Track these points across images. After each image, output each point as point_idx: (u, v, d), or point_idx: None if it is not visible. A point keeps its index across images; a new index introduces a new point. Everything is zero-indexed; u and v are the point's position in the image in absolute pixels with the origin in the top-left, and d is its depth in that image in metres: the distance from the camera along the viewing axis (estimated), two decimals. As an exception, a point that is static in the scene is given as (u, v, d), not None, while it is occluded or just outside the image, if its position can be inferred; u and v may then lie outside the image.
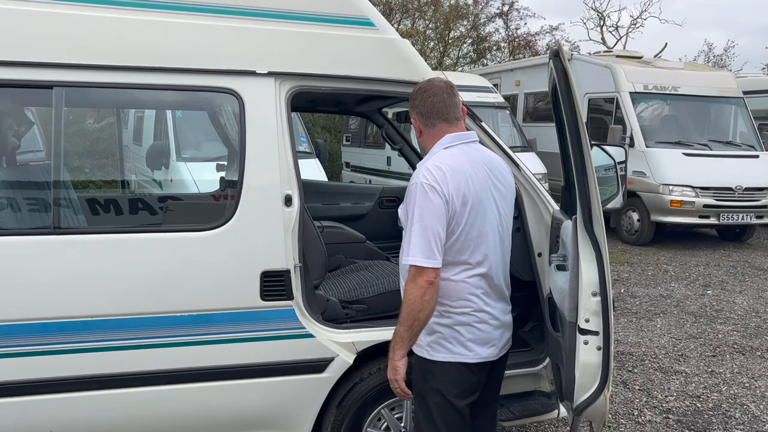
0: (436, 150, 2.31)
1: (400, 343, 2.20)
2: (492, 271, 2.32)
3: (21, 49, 2.40)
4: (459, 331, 2.29)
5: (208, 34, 2.58)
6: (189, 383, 2.60)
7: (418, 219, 2.16)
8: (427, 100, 2.32)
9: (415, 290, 2.14)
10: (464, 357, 2.30)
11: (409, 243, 2.17)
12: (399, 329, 2.20)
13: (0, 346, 2.38)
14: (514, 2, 18.54)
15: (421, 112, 2.33)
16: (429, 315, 2.19)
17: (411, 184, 2.23)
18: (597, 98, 10.46)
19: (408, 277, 2.17)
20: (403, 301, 2.18)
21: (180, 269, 2.53)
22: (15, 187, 2.80)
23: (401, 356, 2.22)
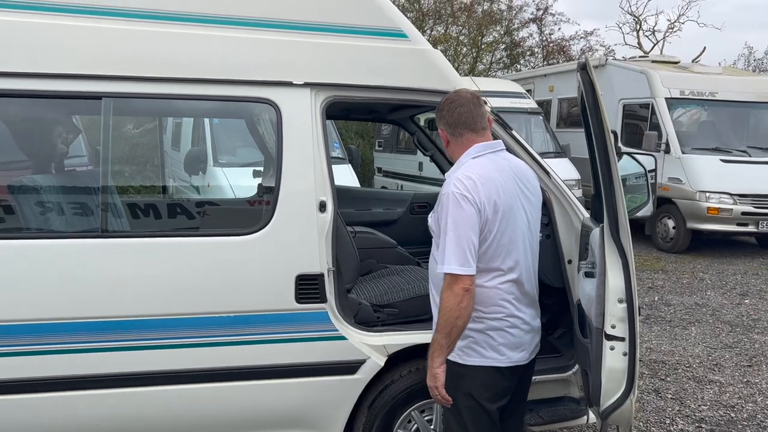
0: (464, 160, 2.37)
1: (439, 350, 2.26)
2: (523, 276, 2.37)
3: (73, 63, 2.54)
4: (491, 336, 2.35)
5: (247, 47, 2.69)
6: (226, 382, 2.71)
7: (451, 228, 2.22)
8: (454, 110, 2.39)
9: (451, 298, 2.20)
10: (496, 361, 2.35)
11: (444, 252, 2.22)
12: (437, 337, 2.26)
13: (52, 343, 2.52)
14: (548, 7, 18.45)
15: (449, 122, 2.40)
16: (466, 321, 2.24)
17: (442, 194, 2.29)
18: (632, 104, 10.35)
19: (444, 285, 2.23)
20: (440, 308, 2.24)
21: (219, 272, 2.64)
22: (65, 191, 2.95)
23: (440, 363, 2.27)
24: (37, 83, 2.52)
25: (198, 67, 2.64)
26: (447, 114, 2.40)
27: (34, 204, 2.75)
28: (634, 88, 10.18)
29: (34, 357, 2.50)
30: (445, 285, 2.23)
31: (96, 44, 2.57)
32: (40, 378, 2.53)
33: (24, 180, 2.84)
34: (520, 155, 2.99)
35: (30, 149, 3.09)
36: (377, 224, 4.37)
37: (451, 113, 2.39)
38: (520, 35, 18.72)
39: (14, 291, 2.48)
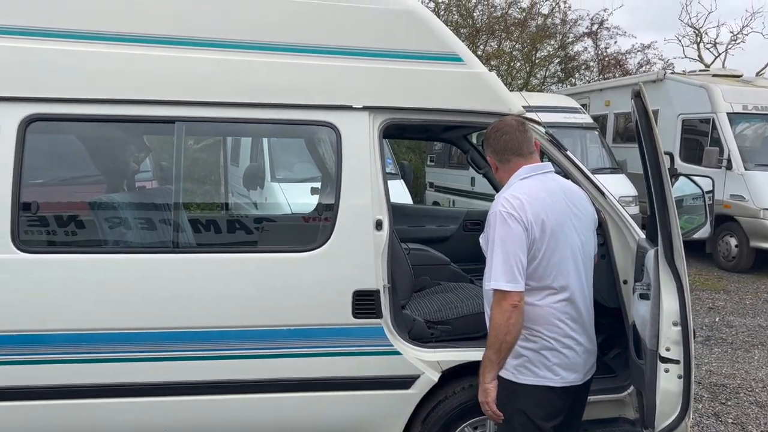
0: (513, 182, 2.44)
1: (490, 366, 2.30)
2: (576, 296, 2.40)
3: (149, 89, 2.73)
4: (545, 356, 2.38)
5: (309, 73, 2.82)
6: (285, 393, 2.82)
7: (499, 245, 2.28)
8: (500, 138, 2.48)
9: (500, 314, 2.25)
10: (550, 381, 2.38)
11: (491, 269, 2.28)
12: (487, 353, 2.31)
13: (125, 351, 2.69)
14: (604, 21, 18.20)
15: (495, 149, 2.49)
16: (515, 338, 2.29)
17: (490, 214, 2.36)
18: (692, 119, 10.10)
19: (493, 302, 2.29)
20: (490, 325, 2.30)
21: (281, 287, 2.77)
22: (140, 208, 3.15)
23: (491, 379, 2.31)
24: (115, 109, 2.71)
25: (263, 92, 2.79)
26: (493, 141, 2.50)
27: (111, 220, 2.95)
28: (694, 103, 9.93)
29: (112, 364, 2.68)
30: (494, 302, 2.28)
31: (169, 71, 2.75)
32: (118, 384, 2.70)
33: (103, 198, 3.04)
34: (574, 175, 3.03)
35: (107, 168, 3.31)
36: (430, 241, 4.44)
37: (497, 140, 2.48)
38: (575, 49, 18.52)
39: (95, 302, 2.66)
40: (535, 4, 16.78)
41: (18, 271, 2.62)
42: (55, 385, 2.67)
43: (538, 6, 16.83)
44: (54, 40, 2.66)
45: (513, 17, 16.76)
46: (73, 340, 2.66)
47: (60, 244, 2.93)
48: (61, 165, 3.30)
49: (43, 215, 2.79)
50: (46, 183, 3.12)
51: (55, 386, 2.67)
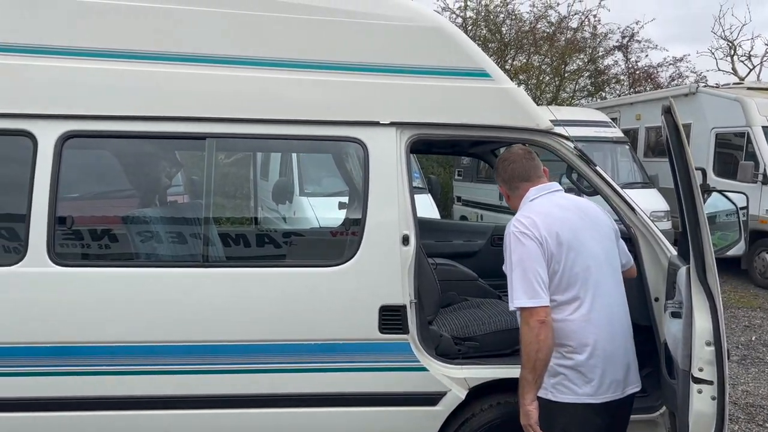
0: (523, 204, 2.50)
1: (527, 386, 2.28)
2: (608, 307, 2.39)
3: (181, 106, 2.79)
4: (582, 372, 2.35)
5: (337, 89, 2.86)
6: (311, 407, 2.83)
7: (516, 264, 2.30)
8: (507, 167, 2.57)
9: (528, 332, 2.25)
10: (588, 398, 2.35)
11: (512, 288, 2.29)
12: (523, 373, 2.29)
13: (155, 364, 2.73)
14: (635, 34, 18.00)
15: (504, 178, 2.59)
16: (548, 354, 2.27)
17: (504, 238, 2.40)
18: (726, 133, 9.91)
19: (520, 321, 2.28)
20: (521, 345, 2.29)
21: (308, 301, 2.78)
22: (171, 222, 3.21)
23: (531, 400, 2.29)
24: (148, 125, 2.77)
25: (291, 108, 2.83)
26: (502, 171, 2.60)
27: (143, 234, 3.01)
28: (728, 117, 9.75)
29: (143, 377, 2.72)
30: (521, 321, 2.28)
31: (200, 89, 2.80)
32: (148, 396, 2.74)
33: (136, 213, 3.11)
34: (603, 191, 3.00)
35: (140, 183, 3.38)
36: (458, 256, 4.42)
37: (505, 170, 2.58)
38: (605, 63, 18.35)
39: (126, 315, 2.71)
40: (564, 18, 16.70)
41: (53, 284, 2.68)
42: (88, 397, 2.72)
43: (567, 20, 16.75)
44: (90, 59, 2.74)
45: (542, 31, 16.70)
46: (106, 353, 2.71)
47: (93, 258, 2.99)
48: (95, 180, 3.38)
49: (77, 229, 2.87)
50: (81, 198, 3.20)
51: (89, 398, 2.72)
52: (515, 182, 2.56)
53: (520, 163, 2.56)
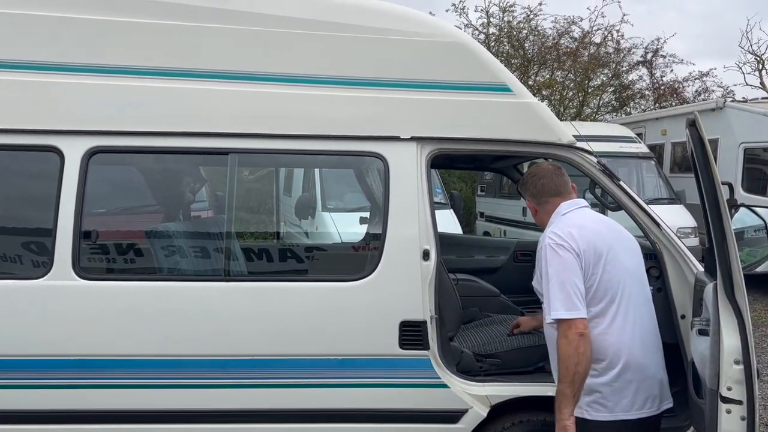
0: (554, 219, 2.49)
1: (565, 401, 2.25)
2: (641, 320, 2.39)
3: (204, 122, 2.82)
4: (617, 388, 2.33)
5: (357, 105, 2.87)
6: (331, 423, 2.81)
7: (553, 276, 2.28)
8: (537, 182, 2.58)
9: (567, 345, 2.23)
10: (624, 414, 2.33)
11: (549, 300, 2.27)
12: (561, 387, 2.26)
13: (175, 378, 2.74)
14: (659, 49, 17.84)
15: (533, 193, 2.60)
16: (587, 367, 2.25)
17: (539, 251, 2.39)
18: (755, 148, 9.73)
19: (558, 334, 2.26)
20: (559, 359, 2.26)
21: (328, 316, 2.78)
22: (194, 237, 3.24)
23: (569, 414, 2.25)
24: (172, 141, 2.81)
25: (313, 124, 2.85)
26: (531, 186, 2.61)
27: (166, 249, 3.04)
28: (756, 131, 9.58)
29: (161, 390, 2.73)
30: (559, 334, 2.26)
31: (223, 105, 2.84)
32: (169, 411, 2.75)
33: (159, 227, 3.15)
34: (628, 206, 2.95)
35: (164, 198, 3.42)
36: (480, 272, 4.38)
37: (535, 185, 2.59)
38: (630, 78, 18.19)
39: (150, 329, 2.73)
40: (588, 34, 16.64)
41: (78, 298, 2.72)
42: (112, 410, 2.74)
43: (590, 35, 16.68)
44: (115, 76, 2.80)
45: (565, 47, 16.64)
46: (130, 366, 2.73)
47: (118, 272, 3.03)
48: (120, 195, 3.44)
49: (102, 243, 2.91)
50: (106, 212, 3.25)
51: (113, 411, 2.74)
52: (544, 197, 2.58)
53: (550, 178, 2.58)
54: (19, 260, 2.87)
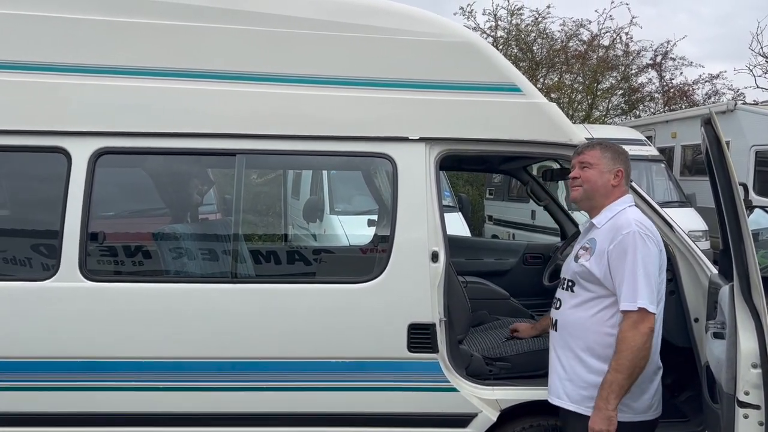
0: (621, 207, 2.42)
1: (618, 391, 2.20)
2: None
3: (211, 122, 2.81)
4: (645, 388, 2.32)
5: (366, 105, 2.85)
6: (338, 427, 2.78)
7: (641, 264, 2.24)
8: (629, 164, 2.51)
9: (638, 337, 2.19)
10: (643, 416, 2.32)
11: (635, 287, 2.22)
12: (617, 377, 2.20)
13: (182, 380, 2.72)
14: (668, 52, 17.73)
15: (627, 172, 2.50)
16: (647, 364, 2.24)
17: (624, 232, 2.31)
18: (766, 151, 9.64)
19: (627, 323, 2.22)
20: (624, 348, 2.21)
21: (336, 318, 2.75)
22: (201, 239, 3.22)
23: (616, 405, 2.21)
24: (179, 142, 2.80)
25: (320, 125, 2.83)
26: (627, 164, 2.50)
27: (173, 251, 3.03)
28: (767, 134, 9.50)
29: (168, 393, 2.71)
30: (629, 324, 2.21)
31: (230, 105, 2.82)
32: (170, 413, 2.73)
33: (166, 229, 3.13)
34: (640, 208, 2.90)
35: (171, 200, 3.41)
36: (489, 274, 4.34)
37: (628, 165, 2.50)
38: (639, 81, 18.08)
39: (156, 331, 2.71)
40: (596, 37, 16.56)
41: (84, 300, 2.71)
42: (119, 413, 2.72)
43: (599, 38, 16.61)
44: (122, 77, 2.79)
45: (573, 49, 16.58)
46: (137, 368, 2.71)
47: (125, 273, 3.02)
48: (127, 196, 3.43)
49: (109, 245, 2.89)
50: (113, 213, 3.23)
51: (119, 414, 2.72)
52: (628, 181, 2.51)
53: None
54: (26, 262, 2.87)
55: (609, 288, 2.33)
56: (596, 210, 2.47)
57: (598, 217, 2.44)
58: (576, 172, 2.49)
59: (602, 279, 2.33)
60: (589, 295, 2.37)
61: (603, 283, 2.33)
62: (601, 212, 2.44)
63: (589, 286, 2.37)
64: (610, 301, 2.33)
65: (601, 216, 2.43)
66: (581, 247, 2.46)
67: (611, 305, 2.33)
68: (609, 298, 2.33)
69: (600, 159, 2.45)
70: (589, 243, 2.42)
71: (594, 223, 2.45)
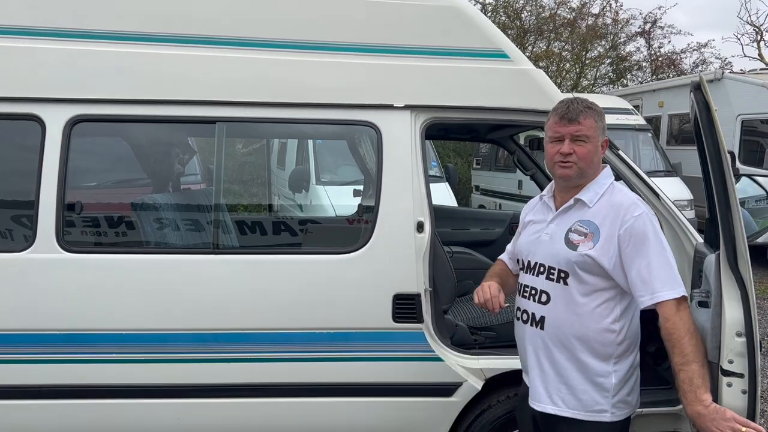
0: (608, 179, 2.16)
1: (703, 383, 1.98)
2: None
3: (190, 89, 2.73)
4: (635, 379, 2.19)
5: (349, 71, 2.77)
6: (323, 397, 2.77)
7: (668, 249, 2.06)
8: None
9: (687, 318, 2.00)
10: (633, 408, 2.18)
11: (673, 273, 2.03)
12: (693, 369, 1.98)
13: (162, 352, 2.68)
14: (657, 20, 17.62)
15: (603, 128, 2.16)
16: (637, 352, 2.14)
17: (636, 215, 2.04)
18: (752, 120, 9.66)
19: (670, 310, 2.00)
20: (680, 336, 1.99)
21: (320, 289, 2.72)
22: (181, 210, 3.16)
23: (710, 398, 1.98)
24: (157, 109, 2.72)
25: (302, 91, 2.76)
26: (603, 119, 2.16)
27: (153, 221, 2.97)
28: (754, 103, 9.50)
29: (149, 365, 2.68)
30: (671, 310, 1.99)
31: (210, 72, 2.74)
32: (157, 385, 2.70)
33: (145, 199, 3.06)
34: (626, 176, 2.89)
35: (151, 169, 3.33)
36: (475, 244, 4.33)
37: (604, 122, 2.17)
38: (627, 49, 17.99)
39: (136, 303, 2.67)
40: (585, 4, 16.41)
41: (62, 271, 2.65)
42: (98, 385, 2.69)
43: (588, 6, 16.46)
44: (97, 41, 2.69)
45: (562, 17, 16.42)
46: (116, 341, 2.67)
47: (103, 244, 2.96)
48: (105, 166, 3.34)
49: (87, 215, 2.82)
50: (90, 183, 3.16)
51: (98, 386, 2.69)
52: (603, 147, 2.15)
53: None
54: (1, 233, 2.79)
55: (615, 278, 2.05)
56: (580, 186, 2.14)
57: (587, 193, 2.12)
58: (568, 147, 2.07)
59: (611, 269, 2.04)
60: (587, 288, 2.07)
61: (610, 273, 2.04)
62: (587, 188, 2.13)
63: (589, 278, 2.06)
64: (611, 294, 2.08)
65: (589, 192, 2.12)
66: (571, 230, 2.10)
67: (612, 298, 2.08)
68: (610, 291, 2.08)
69: (596, 130, 2.09)
70: (585, 226, 2.08)
71: (585, 201, 2.11)
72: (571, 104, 2.11)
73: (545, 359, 2.16)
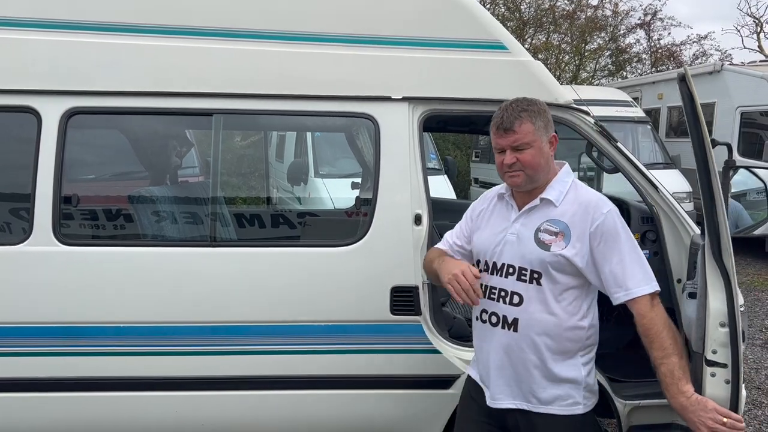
0: (569, 176, 2.16)
1: (683, 375, 2.00)
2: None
3: (186, 81, 2.71)
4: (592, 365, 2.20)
5: (347, 63, 2.76)
6: (320, 390, 2.77)
7: (635, 245, 2.07)
8: (550, 117, 2.15)
9: (662, 313, 2.03)
10: (596, 398, 2.20)
11: (646, 268, 2.05)
12: (672, 362, 1.99)
13: (160, 345, 2.68)
14: (657, 12, 17.57)
15: (550, 131, 2.13)
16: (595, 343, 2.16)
17: (605, 211, 2.05)
18: (751, 112, 9.64)
19: (645, 306, 2.02)
20: (657, 331, 2.01)
21: (318, 282, 2.71)
22: (178, 202, 3.15)
23: (692, 389, 2.00)
24: (153, 101, 2.71)
25: (300, 83, 2.74)
26: (545, 117, 2.11)
27: (150, 214, 2.96)
28: (753, 95, 9.48)
29: (147, 357, 2.68)
30: (647, 306, 2.02)
31: (206, 63, 2.73)
32: (153, 378, 2.70)
33: (142, 191, 3.05)
34: (625, 168, 2.88)
35: (148, 162, 3.32)
36: (473, 237, 4.32)
37: (549, 119, 2.13)
38: (627, 41, 17.95)
39: (133, 295, 2.66)
40: (585, -4, 16.36)
41: (58, 264, 2.64)
42: (95, 378, 2.69)
43: (587, -3, 16.41)
44: (93, 33, 2.68)
45: (561, 9, 16.37)
46: (113, 333, 2.67)
47: (100, 237, 2.95)
48: (101, 158, 3.34)
49: (84, 208, 2.82)
50: (87, 176, 3.15)
51: (96, 378, 2.69)
52: (551, 146, 2.11)
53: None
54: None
55: (587, 276, 2.06)
56: (540, 188, 2.11)
57: (552, 192, 2.09)
58: (510, 157, 2.05)
59: (583, 267, 2.04)
60: (560, 287, 2.06)
61: (583, 271, 2.05)
62: (551, 186, 2.11)
63: (562, 277, 2.05)
64: (579, 292, 2.09)
65: (554, 191, 2.10)
66: (541, 230, 2.07)
67: (580, 296, 2.09)
68: (579, 288, 2.09)
69: (535, 133, 2.04)
70: (554, 225, 2.06)
71: (551, 200, 2.09)
72: (505, 112, 2.09)
73: (517, 360, 2.12)
